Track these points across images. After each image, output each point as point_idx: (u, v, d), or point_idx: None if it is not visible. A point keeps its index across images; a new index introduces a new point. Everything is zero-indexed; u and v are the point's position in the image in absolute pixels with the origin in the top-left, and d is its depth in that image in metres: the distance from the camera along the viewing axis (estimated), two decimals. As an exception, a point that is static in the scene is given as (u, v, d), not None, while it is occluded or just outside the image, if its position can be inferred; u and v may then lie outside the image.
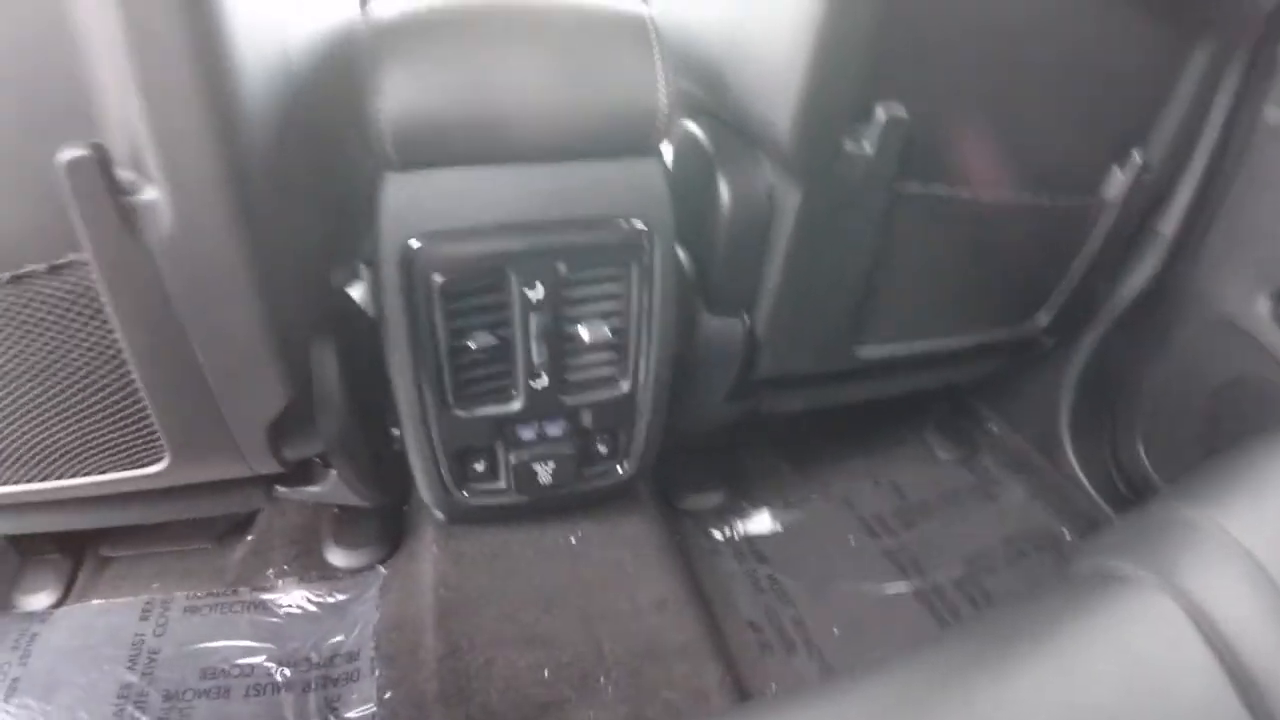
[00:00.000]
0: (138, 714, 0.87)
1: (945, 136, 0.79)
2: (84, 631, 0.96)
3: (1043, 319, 1.05)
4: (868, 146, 0.73)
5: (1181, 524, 0.55)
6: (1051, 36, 0.76)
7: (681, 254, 0.88)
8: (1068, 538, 1.16)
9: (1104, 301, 1.09)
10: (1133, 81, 0.84)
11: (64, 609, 0.99)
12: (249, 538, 1.07)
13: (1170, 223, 1.00)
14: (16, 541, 1.02)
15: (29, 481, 0.74)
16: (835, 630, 1.00)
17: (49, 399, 0.67)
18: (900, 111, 0.72)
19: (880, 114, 0.72)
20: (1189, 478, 0.64)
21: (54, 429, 0.70)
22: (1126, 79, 0.83)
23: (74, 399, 0.67)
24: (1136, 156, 0.88)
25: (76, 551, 1.04)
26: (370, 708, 0.87)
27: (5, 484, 0.74)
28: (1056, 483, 1.22)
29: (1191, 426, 1.05)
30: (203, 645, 0.94)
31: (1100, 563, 0.54)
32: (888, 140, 0.73)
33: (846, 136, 0.74)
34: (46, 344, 0.63)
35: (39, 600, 0.99)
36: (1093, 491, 1.19)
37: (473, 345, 0.77)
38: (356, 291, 0.82)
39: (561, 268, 0.76)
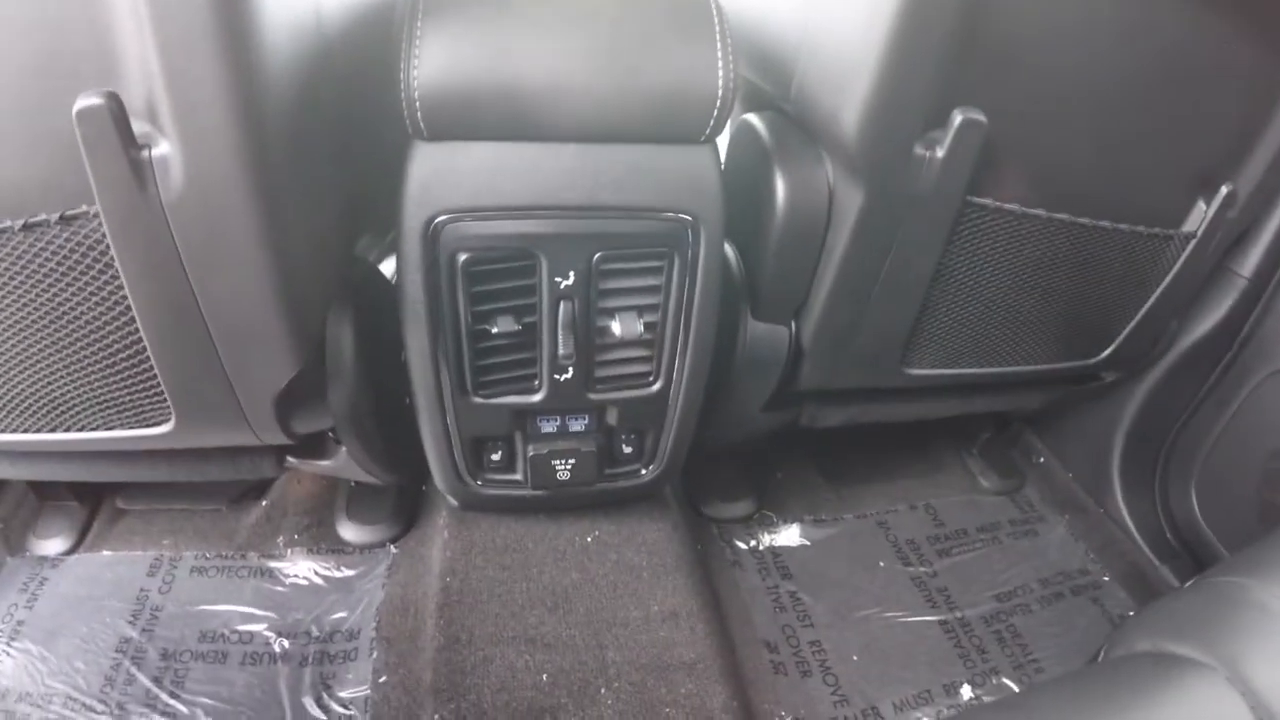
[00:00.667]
0: (134, 670, 0.87)
1: (1023, 150, 0.73)
2: (91, 581, 0.96)
3: (1104, 352, 0.98)
4: (939, 150, 0.68)
5: (1250, 606, 0.52)
6: (1143, 56, 0.70)
7: (730, 253, 0.83)
8: (1108, 583, 1.10)
9: (1170, 340, 1.03)
10: (1226, 112, 0.78)
11: (75, 557, 1.00)
12: (263, 503, 1.06)
13: (1248, 264, 0.94)
14: (35, 486, 1.03)
15: (37, 432, 0.73)
16: (854, 657, 0.96)
17: (58, 350, 0.66)
18: (978, 115, 0.67)
19: (956, 117, 0.67)
20: (1257, 550, 0.59)
21: (62, 381, 0.69)
22: (1219, 108, 0.77)
23: (82, 353, 0.66)
24: (1224, 190, 0.82)
25: (93, 501, 1.04)
26: (364, 689, 0.86)
27: (14, 432, 0.73)
28: (1102, 525, 1.16)
29: (1248, 483, 0.99)
30: (205, 607, 0.94)
31: (1161, 644, 0.50)
32: (961, 144, 0.68)
33: (918, 139, 0.69)
34: (56, 295, 0.62)
35: (53, 545, 1.00)
36: (1139, 539, 1.13)
37: (495, 330, 0.74)
38: (389, 265, 0.79)
39: (596, 256, 0.72)
